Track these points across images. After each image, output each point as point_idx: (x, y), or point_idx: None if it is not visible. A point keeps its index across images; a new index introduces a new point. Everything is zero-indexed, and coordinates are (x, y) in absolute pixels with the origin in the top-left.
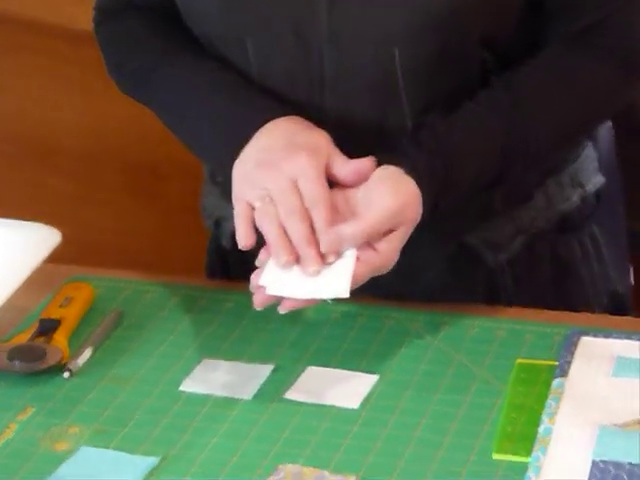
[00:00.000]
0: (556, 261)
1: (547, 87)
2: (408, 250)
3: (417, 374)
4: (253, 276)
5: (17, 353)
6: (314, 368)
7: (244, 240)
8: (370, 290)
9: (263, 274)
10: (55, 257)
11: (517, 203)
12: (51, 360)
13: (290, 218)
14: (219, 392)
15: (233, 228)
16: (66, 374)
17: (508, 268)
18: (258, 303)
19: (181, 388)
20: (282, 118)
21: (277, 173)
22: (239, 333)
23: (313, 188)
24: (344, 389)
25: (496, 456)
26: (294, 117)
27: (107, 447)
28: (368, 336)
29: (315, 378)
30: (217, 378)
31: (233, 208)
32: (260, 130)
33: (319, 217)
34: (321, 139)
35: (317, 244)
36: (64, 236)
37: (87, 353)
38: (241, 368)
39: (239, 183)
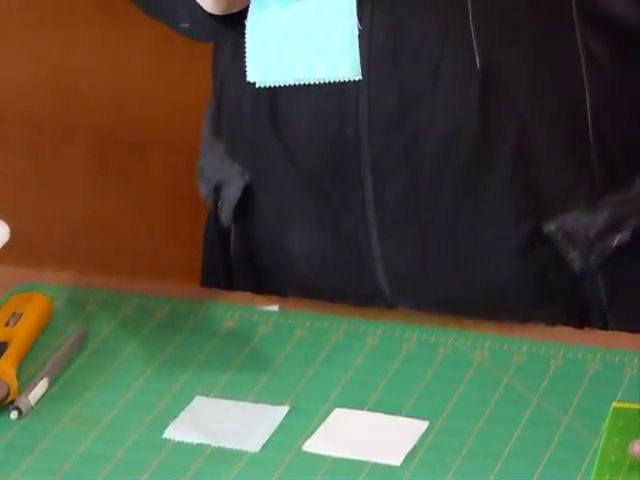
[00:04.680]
0: None
1: None
2: (468, 227)
3: (480, 420)
4: None
5: None
6: (342, 410)
7: None
8: (417, 287)
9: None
10: (0, 258)
11: (614, 188)
12: None
13: None
14: (217, 441)
15: (236, 197)
16: (13, 414)
17: (601, 275)
18: None
19: (165, 435)
20: None
21: None
22: (243, 362)
23: None
24: (382, 439)
25: None
26: None
27: None
28: (415, 369)
29: (343, 424)
30: (214, 422)
31: (239, 168)
32: None
33: None
34: None
35: None
36: (12, 230)
37: (41, 386)
38: (246, 410)
39: None
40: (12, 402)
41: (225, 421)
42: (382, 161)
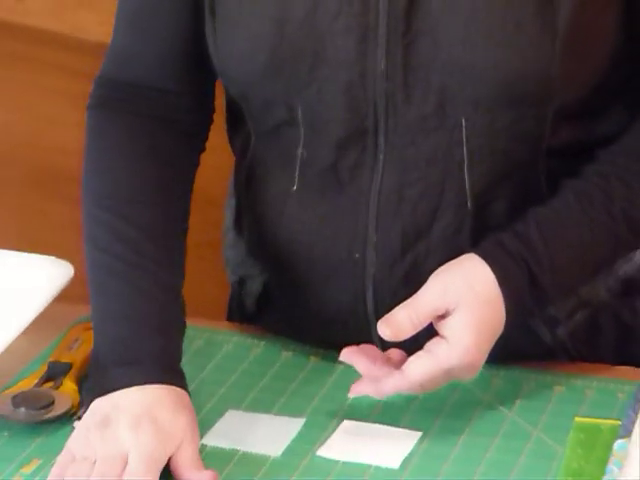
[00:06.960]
0: (621, 328)
1: None
2: None
3: (465, 432)
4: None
5: (22, 400)
6: (350, 422)
7: None
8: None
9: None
10: (62, 295)
11: None
12: (60, 408)
13: None
14: (245, 447)
15: (259, 290)
16: (76, 424)
17: (569, 341)
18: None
19: (203, 442)
20: (159, 386)
21: (112, 437)
22: (267, 383)
23: (140, 470)
24: (383, 446)
25: None
26: (175, 390)
27: None
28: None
29: (351, 434)
30: (242, 432)
31: (259, 266)
32: (129, 390)
33: None
34: (182, 428)
35: None
36: (76, 270)
37: None
38: (269, 421)
39: (79, 431)
40: (75, 413)
41: (252, 430)
42: (384, 283)
